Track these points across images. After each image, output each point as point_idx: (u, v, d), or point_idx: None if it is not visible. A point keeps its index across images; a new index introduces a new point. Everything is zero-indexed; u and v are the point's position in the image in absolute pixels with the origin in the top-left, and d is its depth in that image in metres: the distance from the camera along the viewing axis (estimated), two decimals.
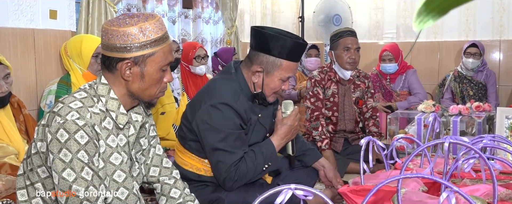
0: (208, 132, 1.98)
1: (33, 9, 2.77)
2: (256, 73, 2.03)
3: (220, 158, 1.98)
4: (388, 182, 1.05)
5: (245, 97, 2.05)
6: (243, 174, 1.98)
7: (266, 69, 2.01)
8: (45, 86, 2.76)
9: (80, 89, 1.55)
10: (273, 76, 2.02)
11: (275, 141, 2.06)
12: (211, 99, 1.99)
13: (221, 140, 1.97)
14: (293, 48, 1.98)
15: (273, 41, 1.97)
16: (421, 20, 0.53)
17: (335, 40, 3.19)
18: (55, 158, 1.41)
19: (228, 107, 1.96)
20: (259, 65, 2.01)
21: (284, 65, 2.00)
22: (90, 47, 2.74)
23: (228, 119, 1.97)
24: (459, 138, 1.42)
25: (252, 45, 2.06)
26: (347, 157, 3.16)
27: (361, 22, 5.25)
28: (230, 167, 1.97)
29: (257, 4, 5.41)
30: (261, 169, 2.02)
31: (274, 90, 2.06)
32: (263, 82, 2.03)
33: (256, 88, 2.06)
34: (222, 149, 1.97)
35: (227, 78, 2.08)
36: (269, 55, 1.99)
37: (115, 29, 1.49)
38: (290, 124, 2.07)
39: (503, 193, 1.43)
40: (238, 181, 2.00)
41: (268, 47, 1.98)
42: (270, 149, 2.03)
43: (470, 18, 4.81)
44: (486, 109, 3.31)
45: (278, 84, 2.04)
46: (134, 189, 1.60)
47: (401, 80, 4.40)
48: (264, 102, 2.09)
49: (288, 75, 2.03)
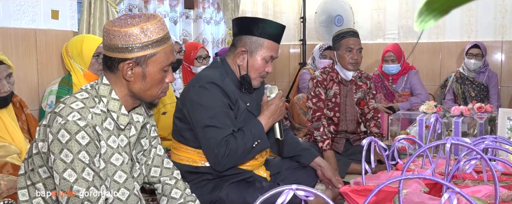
0: (197, 110, 2.05)
1: (35, 9, 2.77)
2: (241, 55, 2.14)
3: (211, 134, 2.02)
4: (389, 183, 1.05)
5: (232, 83, 2.14)
6: (234, 149, 2.01)
7: (250, 49, 2.13)
8: (47, 86, 2.76)
9: (82, 90, 1.55)
10: (257, 55, 2.13)
11: (262, 119, 2.11)
12: (198, 82, 2.09)
13: (211, 117, 2.03)
14: (273, 28, 2.15)
15: (253, 23, 2.15)
16: (422, 20, 0.53)
17: (337, 40, 3.19)
18: (56, 159, 1.42)
19: (215, 85, 2.05)
20: (243, 46, 2.14)
21: (266, 45, 2.13)
22: (90, 47, 2.74)
23: (216, 97, 2.05)
24: (460, 139, 1.42)
25: (235, 32, 2.20)
26: (349, 158, 3.16)
27: (363, 23, 5.24)
28: (220, 142, 2.01)
29: (259, 4, 5.41)
30: (251, 145, 2.05)
31: (259, 71, 2.16)
32: (248, 64, 2.14)
33: (241, 71, 2.16)
34: (212, 125, 2.02)
35: (213, 66, 2.23)
36: (251, 36, 2.13)
37: (117, 30, 1.49)
38: (276, 104, 2.14)
39: (504, 194, 1.43)
40: (229, 157, 2.02)
41: (250, 29, 2.13)
42: (258, 126, 2.08)
43: (472, 19, 4.81)
44: (488, 110, 3.30)
45: (261, 64, 2.15)
46: (135, 190, 1.60)
47: (403, 81, 4.40)
48: (249, 86, 2.16)
49: (270, 54, 2.15)
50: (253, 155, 2.12)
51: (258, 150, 2.11)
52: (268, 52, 2.14)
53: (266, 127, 2.11)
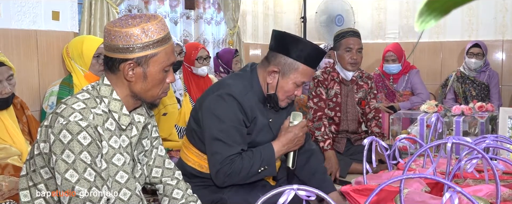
0: (210, 120, 2.00)
1: (36, 10, 2.77)
2: (272, 74, 2.04)
3: (218, 149, 1.98)
4: (390, 182, 1.05)
5: (255, 96, 2.06)
6: (237, 170, 1.96)
7: (283, 71, 2.03)
8: (48, 87, 2.76)
9: (83, 90, 1.56)
10: (289, 78, 2.03)
11: (276, 146, 2.03)
12: (219, 90, 2.02)
13: (221, 130, 1.97)
14: (312, 53, 2.02)
15: (293, 43, 2.01)
16: (423, 20, 0.53)
17: (337, 40, 3.19)
18: (58, 159, 1.42)
19: (233, 98, 1.98)
20: (276, 65, 2.03)
21: (301, 69, 2.02)
22: (91, 48, 2.74)
23: (231, 111, 1.98)
24: (462, 138, 1.42)
25: (271, 46, 2.08)
26: (350, 158, 3.16)
27: (364, 22, 5.24)
28: (225, 160, 1.96)
29: (259, 4, 5.41)
30: (256, 170, 1.99)
31: (288, 94, 2.07)
32: (278, 84, 2.04)
33: (269, 89, 2.07)
34: (221, 140, 1.97)
35: (240, 75, 2.12)
36: (287, 57, 2.02)
37: (118, 30, 1.49)
38: (295, 133, 2.04)
39: (506, 193, 1.43)
40: (231, 176, 1.97)
41: (288, 49, 2.01)
42: (269, 152, 2.01)
43: (473, 18, 4.81)
44: (489, 109, 3.30)
45: (292, 88, 2.05)
46: (137, 190, 1.60)
47: (404, 81, 4.40)
48: (276, 105, 2.09)
49: (303, 80, 2.04)
50: (257, 179, 2.05)
51: (263, 176, 2.05)
52: (301, 78, 2.03)
53: (278, 154, 2.03)
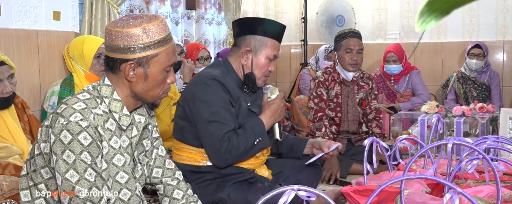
0: (199, 106, 2.07)
1: (37, 10, 2.77)
2: (245, 54, 2.17)
3: (213, 130, 2.03)
4: (391, 183, 1.05)
5: (232, 80, 2.15)
6: (236, 146, 2.03)
7: (254, 49, 2.16)
8: (48, 87, 2.76)
9: (84, 91, 1.56)
10: (261, 54, 2.17)
11: (263, 118, 2.14)
12: (200, 79, 2.12)
13: (212, 112, 2.05)
14: (275, 28, 2.20)
15: (256, 23, 2.19)
16: (423, 20, 0.53)
17: (338, 41, 3.19)
18: (58, 159, 1.42)
19: (216, 81, 2.07)
20: (247, 46, 2.17)
21: (270, 44, 2.17)
22: (91, 48, 2.74)
23: (217, 93, 2.07)
24: (462, 139, 1.41)
25: (237, 33, 2.22)
26: (350, 158, 3.16)
27: (364, 23, 5.24)
28: (223, 137, 2.02)
29: (260, 5, 5.41)
30: (252, 143, 2.06)
31: (263, 70, 2.19)
32: (252, 63, 2.17)
33: (245, 70, 2.19)
34: (214, 121, 2.03)
35: (215, 65, 2.25)
36: (254, 35, 2.16)
37: (119, 30, 1.49)
38: (277, 103, 2.17)
39: (506, 194, 1.43)
40: (231, 152, 2.03)
41: (253, 29, 2.17)
42: (259, 125, 2.11)
43: (474, 19, 4.80)
44: (490, 110, 3.30)
45: (266, 63, 2.18)
46: (137, 190, 1.60)
47: (405, 81, 4.39)
48: (254, 84, 2.18)
49: (274, 54, 2.19)
50: (254, 152, 2.13)
51: (259, 148, 2.12)
52: (272, 51, 2.17)
53: (266, 125, 2.14)
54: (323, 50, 4.55)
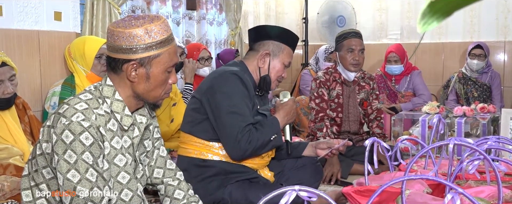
0: (220, 97, 2.10)
1: (38, 11, 2.78)
2: (264, 57, 2.23)
3: (234, 121, 2.06)
4: (392, 183, 1.05)
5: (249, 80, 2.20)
6: (255, 138, 2.06)
7: (273, 53, 2.24)
8: (50, 87, 2.77)
9: (86, 91, 1.56)
10: (278, 59, 2.25)
11: (278, 117, 2.20)
12: (220, 74, 2.16)
13: (233, 104, 2.09)
14: (291, 36, 2.31)
15: (273, 30, 2.29)
16: (425, 22, 0.53)
17: (339, 41, 3.19)
18: (60, 159, 1.42)
19: (236, 76, 2.13)
20: (266, 49, 2.24)
21: (286, 51, 2.27)
22: (93, 49, 2.75)
23: (238, 87, 2.12)
24: (463, 140, 1.42)
25: (254, 39, 2.29)
26: (351, 158, 3.16)
27: (365, 23, 5.24)
28: (244, 129, 2.05)
29: (261, 5, 5.41)
30: (269, 138, 2.10)
31: (278, 74, 2.26)
32: (269, 66, 2.24)
33: (262, 73, 2.25)
34: (235, 112, 2.07)
35: (233, 64, 2.30)
36: (273, 40, 2.25)
37: (121, 31, 1.49)
38: (290, 105, 2.26)
39: (508, 194, 1.43)
40: (251, 143, 2.05)
41: (270, 35, 2.26)
42: (275, 122, 2.17)
43: (475, 19, 4.80)
44: (491, 110, 3.30)
45: (281, 68, 2.26)
46: (138, 191, 1.61)
47: (406, 82, 4.39)
48: (268, 87, 2.24)
49: (289, 60, 2.28)
50: (268, 149, 2.16)
51: (273, 145, 2.16)
52: (287, 58, 2.27)
53: (281, 124, 2.19)
54: (323, 51, 4.55)
